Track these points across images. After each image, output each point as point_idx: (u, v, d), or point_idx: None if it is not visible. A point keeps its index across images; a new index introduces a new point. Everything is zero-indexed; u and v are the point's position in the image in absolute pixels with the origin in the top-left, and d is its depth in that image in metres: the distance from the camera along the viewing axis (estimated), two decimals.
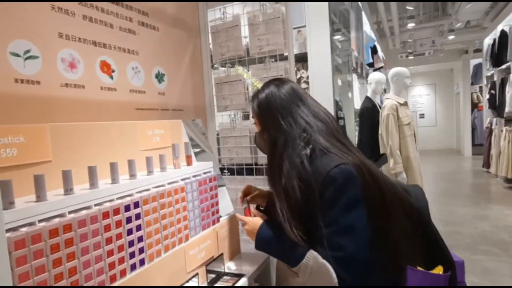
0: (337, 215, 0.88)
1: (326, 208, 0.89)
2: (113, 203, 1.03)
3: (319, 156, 0.95)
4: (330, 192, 0.88)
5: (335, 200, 0.88)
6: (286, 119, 1.04)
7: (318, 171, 0.91)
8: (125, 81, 1.55)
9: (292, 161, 0.97)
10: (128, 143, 1.29)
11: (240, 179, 2.09)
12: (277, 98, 1.07)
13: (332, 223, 0.88)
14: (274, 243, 1.02)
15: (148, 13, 1.70)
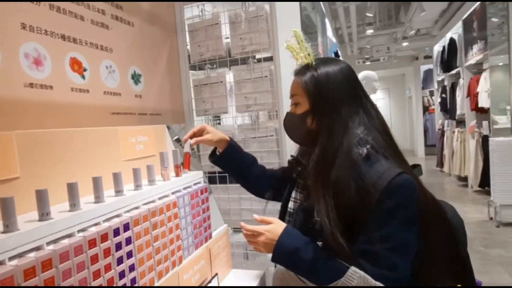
0: (396, 230, 0.77)
1: (382, 220, 0.77)
2: (99, 227, 0.85)
3: (378, 158, 0.83)
4: (392, 203, 0.77)
5: (396, 213, 0.77)
6: (347, 105, 0.88)
7: (377, 176, 0.79)
8: (98, 81, 1.35)
9: (350, 156, 0.83)
10: (109, 152, 1.11)
11: (223, 187, 1.94)
12: (340, 77, 0.90)
13: (389, 238, 0.76)
14: (302, 254, 0.81)
15: (122, 7, 1.51)
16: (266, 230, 0.86)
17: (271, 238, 0.85)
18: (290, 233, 0.85)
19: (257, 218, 0.91)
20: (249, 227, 0.89)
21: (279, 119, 1.82)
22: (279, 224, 0.88)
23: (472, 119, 5.51)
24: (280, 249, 0.83)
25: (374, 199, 0.77)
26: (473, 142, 5.32)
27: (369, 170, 0.81)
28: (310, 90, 0.91)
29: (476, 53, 5.20)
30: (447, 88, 6.96)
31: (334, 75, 0.90)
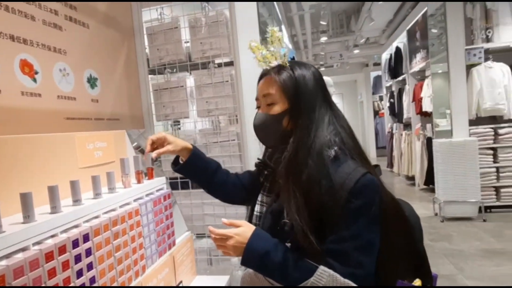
0: (362, 229, 0.80)
1: (350, 219, 0.79)
2: (56, 238, 0.80)
3: (345, 159, 0.84)
4: (359, 202, 0.79)
5: (363, 212, 0.80)
6: (321, 109, 0.89)
7: (345, 177, 0.81)
8: (51, 85, 1.28)
9: (321, 156, 0.83)
10: (65, 160, 1.05)
11: (185, 193, 1.92)
12: (315, 82, 0.91)
13: (356, 237, 0.79)
14: (272, 256, 0.81)
15: (76, 7, 1.45)
16: (235, 234, 0.84)
17: (241, 241, 0.83)
18: (259, 236, 0.85)
19: (225, 222, 0.88)
20: (218, 231, 0.86)
21: (240, 124, 1.83)
22: (248, 226, 0.86)
23: (417, 122, 5.93)
24: (250, 252, 0.82)
25: (342, 199, 0.79)
26: (419, 144, 5.73)
27: (337, 171, 0.83)
28: (289, 90, 0.90)
29: (419, 61, 5.63)
30: (395, 93, 7.43)
31: (309, 77, 0.91)
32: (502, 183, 4.17)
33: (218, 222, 1.85)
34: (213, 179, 1.17)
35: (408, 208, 1.01)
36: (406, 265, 0.92)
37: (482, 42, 4.17)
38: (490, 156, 4.20)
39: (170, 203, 1.32)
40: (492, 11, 4.12)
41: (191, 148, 1.15)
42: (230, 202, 1.23)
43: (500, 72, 4.11)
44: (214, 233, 0.86)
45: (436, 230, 3.88)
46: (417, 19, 5.52)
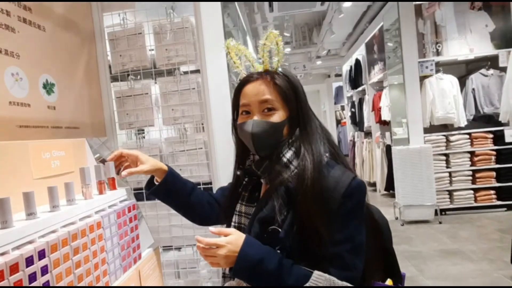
0: (355, 231, 0.81)
1: (344, 222, 0.80)
2: (7, 256, 0.73)
3: (334, 164, 0.86)
4: (351, 205, 0.80)
5: (355, 214, 0.81)
6: (314, 117, 0.90)
7: (336, 181, 0.81)
8: (2, 90, 1.18)
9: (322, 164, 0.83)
10: (17, 170, 0.97)
11: (150, 204, 1.84)
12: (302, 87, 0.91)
13: (349, 239, 0.80)
14: (267, 264, 0.77)
15: (31, 8, 1.36)
16: (227, 242, 0.79)
17: (233, 250, 0.78)
18: (251, 243, 0.81)
19: (213, 231, 0.83)
20: (208, 241, 0.79)
21: (208, 132, 1.80)
22: (238, 234, 0.81)
23: (377, 130, 6.21)
24: (243, 261, 0.78)
25: (336, 202, 0.80)
26: (379, 151, 5.99)
27: (329, 176, 0.83)
28: (289, 97, 0.87)
29: (377, 72, 5.92)
30: (356, 103, 7.75)
31: (301, 85, 0.91)
32: (454, 187, 4.45)
33: (186, 233, 1.79)
34: (189, 200, 1.12)
35: (376, 212, 1.04)
36: (378, 265, 0.94)
37: (433, 56, 4.48)
38: (443, 162, 4.48)
39: (135, 214, 1.25)
40: (441, 27, 4.44)
41: (166, 168, 1.10)
42: (206, 223, 1.18)
43: (449, 83, 4.42)
44: (203, 243, 0.80)
45: (397, 234, 4.04)
46: (374, 33, 5.82)
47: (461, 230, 3.94)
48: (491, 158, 4.36)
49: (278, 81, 0.88)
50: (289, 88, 0.88)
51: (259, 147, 0.89)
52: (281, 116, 0.88)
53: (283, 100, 0.88)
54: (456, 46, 4.44)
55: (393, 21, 4.72)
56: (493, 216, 4.29)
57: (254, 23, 6.01)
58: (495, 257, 3.11)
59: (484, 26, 4.35)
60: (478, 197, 4.42)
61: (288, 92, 0.87)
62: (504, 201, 4.37)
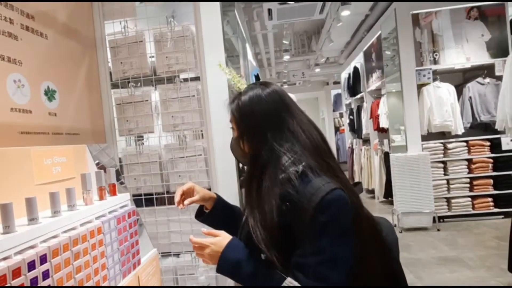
0: (327, 244, 0.81)
1: (315, 235, 0.81)
2: (10, 261, 0.74)
3: (310, 177, 0.85)
4: (324, 218, 0.80)
5: (327, 228, 0.81)
6: (272, 130, 0.91)
7: (309, 193, 0.82)
8: (4, 97, 1.20)
9: (275, 178, 0.86)
10: (19, 176, 0.98)
11: (149, 210, 1.85)
12: (263, 103, 0.93)
13: (321, 251, 0.80)
14: (244, 266, 0.86)
15: (34, 16, 1.38)
16: (211, 243, 0.90)
17: (216, 250, 0.89)
18: (234, 246, 0.90)
19: (204, 232, 0.94)
20: (196, 240, 0.92)
21: (207, 138, 1.82)
22: (225, 236, 0.92)
23: (375, 138, 6.23)
24: (223, 261, 0.88)
25: (307, 216, 0.81)
26: (377, 158, 6.01)
27: (304, 188, 0.83)
28: (236, 117, 0.98)
29: (375, 80, 5.97)
30: (354, 110, 7.78)
31: (256, 101, 0.94)
32: (452, 194, 4.46)
33: (184, 239, 1.80)
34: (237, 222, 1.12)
35: (387, 227, 1.03)
36: (383, 284, 0.93)
37: (430, 64, 4.52)
38: (441, 169, 4.50)
39: (135, 220, 1.26)
40: (438, 36, 4.50)
41: (215, 196, 1.18)
42: None
43: (446, 91, 4.46)
44: (193, 242, 0.92)
45: None
46: (372, 42, 5.88)
47: (459, 238, 3.94)
48: (488, 166, 4.39)
49: (232, 104, 1.00)
50: (235, 110, 0.97)
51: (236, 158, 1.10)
52: (236, 134, 1.01)
53: (234, 122, 1.00)
54: (453, 55, 4.49)
55: (391, 30, 4.77)
56: (491, 224, 4.29)
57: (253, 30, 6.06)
58: (492, 265, 3.11)
59: (480, 35, 4.41)
60: (476, 205, 4.43)
61: (235, 113, 0.98)
62: (501, 209, 4.38)
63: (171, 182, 1.86)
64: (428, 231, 4.27)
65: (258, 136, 0.93)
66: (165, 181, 1.87)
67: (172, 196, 1.84)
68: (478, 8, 4.40)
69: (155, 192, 1.85)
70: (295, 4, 4.38)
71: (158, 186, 1.86)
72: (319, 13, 4.78)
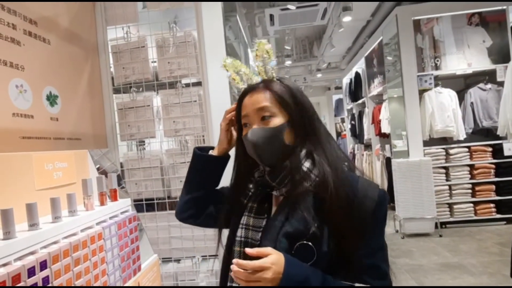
0: (384, 240, 0.82)
1: (378, 230, 0.81)
2: (10, 267, 0.74)
3: (354, 172, 0.85)
4: (381, 215, 0.81)
5: (385, 222, 0.82)
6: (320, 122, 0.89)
7: (365, 189, 0.80)
8: (6, 102, 1.20)
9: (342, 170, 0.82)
10: (20, 181, 0.98)
11: (150, 215, 1.84)
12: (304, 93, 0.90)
13: (382, 248, 0.81)
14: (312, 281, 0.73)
15: (36, 22, 1.39)
16: (272, 263, 0.71)
17: (278, 271, 0.71)
18: (293, 263, 0.75)
19: (251, 252, 0.73)
20: (254, 264, 0.71)
21: (209, 144, 1.82)
22: (278, 254, 0.74)
23: (377, 143, 6.22)
24: (289, 282, 0.72)
25: (368, 212, 0.78)
26: (379, 164, 5.99)
27: (356, 184, 0.81)
28: (287, 100, 0.84)
29: (377, 85, 5.97)
30: (356, 115, 7.79)
31: (300, 89, 0.89)
32: (454, 200, 4.44)
33: (185, 245, 1.79)
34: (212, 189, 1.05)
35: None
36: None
37: (431, 70, 4.52)
38: (443, 175, 4.48)
39: (136, 225, 1.26)
40: (440, 42, 4.51)
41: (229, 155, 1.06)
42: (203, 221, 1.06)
43: (448, 97, 4.46)
44: (248, 267, 0.71)
45: (397, 247, 4.01)
46: (374, 47, 5.90)
47: (461, 244, 3.91)
48: (490, 171, 4.37)
49: (272, 87, 0.85)
50: (284, 92, 0.85)
51: (262, 155, 0.85)
52: (280, 121, 0.84)
53: (280, 105, 0.85)
54: (454, 61, 4.49)
55: (392, 36, 4.79)
56: (493, 230, 4.27)
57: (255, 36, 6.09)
58: (494, 271, 3.08)
59: (482, 41, 4.41)
60: (478, 210, 4.41)
61: (284, 96, 0.85)
62: (503, 215, 4.35)
63: (172, 187, 1.86)
64: (430, 237, 4.24)
65: (313, 123, 0.86)
66: (166, 186, 1.87)
67: (173, 202, 1.84)
68: (479, 14, 4.42)
69: (156, 197, 1.85)
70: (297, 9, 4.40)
71: (159, 191, 1.86)
72: (320, 19, 4.80)
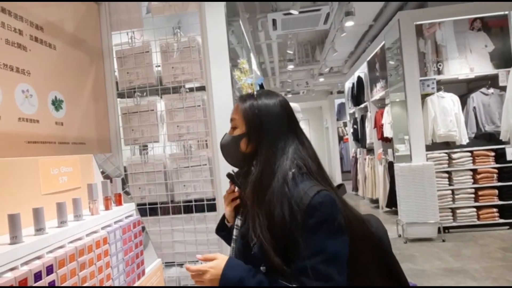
0: (323, 242, 0.83)
1: (310, 235, 0.83)
2: (17, 271, 0.74)
3: (302, 179, 0.88)
4: (316, 219, 0.83)
5: (321, 227, 0.83)
6: (284, 136, 0.95)
7: (300, 195, 0.85)
8: (12, 106, 1.21)
9: (284, 178, 0.88)
10: (26, 186, 0.99)
11: (153, 220, 1.85)
12: (279, 112, 0.97)
13: (319, 251, 0.82)
14: (247, 282, 0.85)
15: (43, 28, 1.41)
16: (210, 267, 0.88)
17: (216, 273, 0.87)
18: (232, 265, 0.88)
19: (199, 257, 0.93)
20: (193, 268, 0.89)
21: (212, 148, 1.83)
22: (221, 258, 0.90)
23: (379, 147, 6.21)
24: (225, 281, 0.86)
25: (299, 217, 0.83)
26: (381, 168, 5.98)
27: (294, 190, 0.86)
28: (248, 115, 0.97)
29: (379, 90, 5.98)
30: (358, 120, 7.78)
31: (272, 106, 0.97)
32: (457, 205, 4.42)
33: (188, 249, 1.79)
34: None
35: (375, 221, 1.05)
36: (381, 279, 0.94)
37: (434, 74, 4.52)
38: (445, 179, 4.46)
39: (140, 230, 1.26)
40: (442, 46, 4.52)
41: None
42: None
43: (450, 101, 4.45)
44: (190, 270, 0.90)
45: (400, 251, 3.99)
46: (376, 52, 5.91)
47: (464, 249, 3.89)
48: (493, 176, 4.35)
49: (243, 103, 0.99)
50: (249, 108, 0.97)
51: (224, 156, 1.04)
52: (239, 131, 0.99)
53: (243, 118, 0.98)
54: (456, 65, 4.49)
55: (395, 40, 4.80)
56: (496, 234, 4.24)
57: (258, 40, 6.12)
58: (498, 276, 3.06)
59: (484, 46, 4.42)
60: (481, 215, 4.39)
61: (248, 111, 0.97)
62: (506, 219, 4.33)
63: (175, 192, 1.86)
64: (433, 241, 4.22)
65: (271, 138, 0.94)
66: (170, 190, 1.87)
67: (176, 206, 1.85)
68: (481, 19, 4.42)
69: (160, 202, 1.85)
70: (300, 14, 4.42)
71: (162, 196, 1.86)
72: (323, 24, 4.82)
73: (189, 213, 1.83)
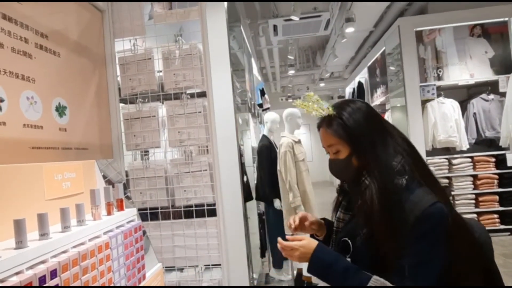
0: (423, 249, 0.89)
1: (413, 241, 0.89)
2: (22, 275, 0.76)
3: (415, 187, 0.93)
4: (424, 228, 0.89)
5: (427, 235, 0.89)
6: (382, 140, 0.98)
7: (413, 204, 0.90)
8: (17, 113, 1.24)
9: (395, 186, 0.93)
10: (31, 191, 1.01)
11: (154, 224, 1.86)
12: (364, 118, 1.00)
13: (416, 254, 0.89)
14: (335, 266, 0.94)
15: (47, 36, 1.44)
16: (300, 246, 0.98)
17: (305, 252, 0.97)
18: (323, 249, 0.99)
19: (289, 238, 1.01)
20: (285, 244, 1.00)
21: (213, 154, 1.85)
22: (310, 240, 1.00)
23: None
24: (316, 261, 0.96)
25: (409, 224, 0.89)
26: None
27: (407, 199, 0.92)
28: (344, 136, 1.00)
29: (379, 95, 6.00)
30: None
31: (358, 116, 1.00)
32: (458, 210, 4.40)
33: (189, 254, 1.81)
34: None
35: (479, 228, 1.08)
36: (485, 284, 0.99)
37: (434, 80, 4.55)
38: (446, 185, 4.47)
39: (141, 235, 1.28)
40: (442, 52, 4.54)
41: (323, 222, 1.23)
42: None
43: (451, 107, 4.47)
44: (282, 245, 1.00)
45: None
46: (377, 57, 5.94)
47: None
48: (493, 182, 4.35)
49: (330, 129, 1.02)
50: (340, 129, 1.00)
51: (337, 177, 1.13)
52: (345, 153, 1.03)
53: (341, 140, 1.02)
54: (456, 71, 4.52)
55: (395, 46, 4.83)
56: (497, 241, 4.23)
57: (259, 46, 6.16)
58: None
59: (484, 52, 4.44)
60: (482, 221, 4.37)
61: (340, 133, 1.00)
62: (507, 225, 4.32)
63: (176, 197, 1.88)
64: None
65: (371, 146, 0.98)
66: (171, 195, 1.89)
67: (177, 211, 1.86)
68: (481, 25, 4.45)
69: (160, 206, 1.87)
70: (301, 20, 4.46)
71: (163, 201, 1.88)
72: (323, 29, 4.86)
73: (190, 218, 1.85)
